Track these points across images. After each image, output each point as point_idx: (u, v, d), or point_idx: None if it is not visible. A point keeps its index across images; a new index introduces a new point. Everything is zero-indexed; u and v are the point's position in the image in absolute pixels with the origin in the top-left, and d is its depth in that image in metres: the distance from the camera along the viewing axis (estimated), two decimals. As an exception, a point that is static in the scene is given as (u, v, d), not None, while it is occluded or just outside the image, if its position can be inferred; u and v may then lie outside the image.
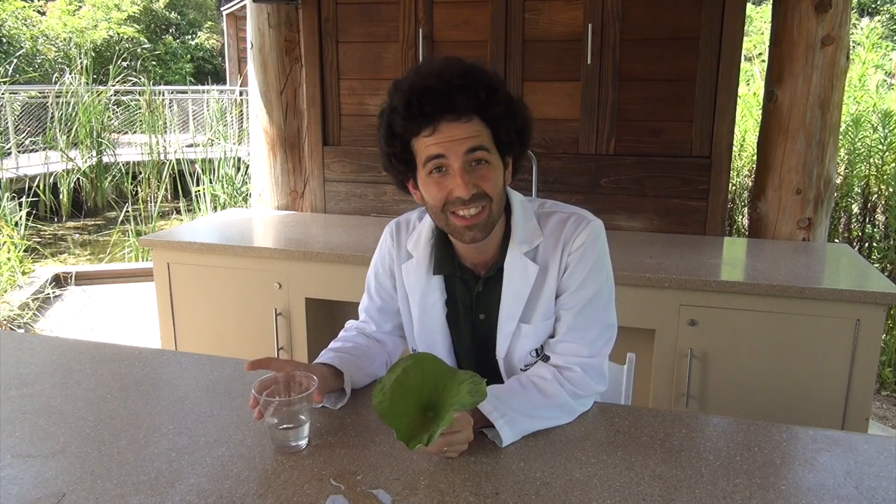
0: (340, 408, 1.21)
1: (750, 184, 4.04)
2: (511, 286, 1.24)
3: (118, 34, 15.08)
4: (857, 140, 3.86)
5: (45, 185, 7.75)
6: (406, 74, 1.15)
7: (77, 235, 7.37)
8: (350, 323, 1.43)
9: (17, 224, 5.37)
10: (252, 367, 1.15)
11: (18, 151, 8.61)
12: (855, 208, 3.91)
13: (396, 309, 1.37)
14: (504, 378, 1.29)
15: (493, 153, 1.15)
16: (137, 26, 16.17)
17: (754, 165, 3.09)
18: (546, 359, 1.25)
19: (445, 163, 1.12)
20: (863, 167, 3.87)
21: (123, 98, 9.72)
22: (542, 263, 1.23)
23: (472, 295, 1.28)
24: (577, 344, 1.22)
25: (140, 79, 9.85)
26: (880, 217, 3.87)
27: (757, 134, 2.81)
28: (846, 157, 3.89)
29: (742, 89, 4.53)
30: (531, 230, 1.24)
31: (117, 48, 11.94)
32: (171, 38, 17.73)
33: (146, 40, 16.09)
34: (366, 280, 1.41)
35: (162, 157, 8.53)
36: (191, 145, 9.24)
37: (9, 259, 4.58)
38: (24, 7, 14.09)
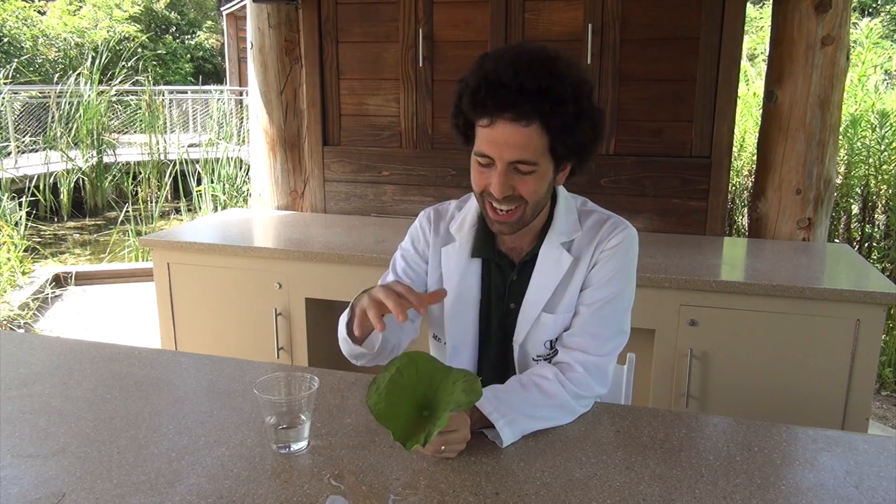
0: (361, 364, 1.26)
1: (750, 184, 4.04)
2: (542, 274, 1.26)
3: (119, 34, 15.08)
4: (856, 140, 3.86)
5: (45, 185, 7.74)
6: (497, 51, 1.13)
7: (77, 235, 7.37)
8: None
9: (17, 224, 5.37)
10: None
11: (19, 151, 8.60)
12: (855, 208, 3.91)
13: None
14: (516, 365, 1.30)
15: (543, 162, 1.14)
16: (138, 26, 16.18)
17: (754, 165, 3.09)
18: (556, 352, 1.25)
19: (491, 161, 1.14)
20: (862, 167, 3.87)
21: (124, 98, 9.72)
22: (575, 256, 1.25)
23: (505, 283, 1.30)
24: (589, 340, 1.23)
25: (140, 78, 9.85)
26: (880, 217, 3.87)
27: (757, 134, 2.81)
28: (846, 157, 3.89)
29: (742, 89, 4.52)
30: (571, 224, 1.27)
31: (118, 48, 11.93)
32: (171, 37, 17.73)
33: (146, 40, 16.09)
34: (391, 262, 1.41)
35: (162, 157, 8.53)
36: (192, 145, 9.24)
37: (9, 259, 4.58)
38: (25, 7, 14.09)
